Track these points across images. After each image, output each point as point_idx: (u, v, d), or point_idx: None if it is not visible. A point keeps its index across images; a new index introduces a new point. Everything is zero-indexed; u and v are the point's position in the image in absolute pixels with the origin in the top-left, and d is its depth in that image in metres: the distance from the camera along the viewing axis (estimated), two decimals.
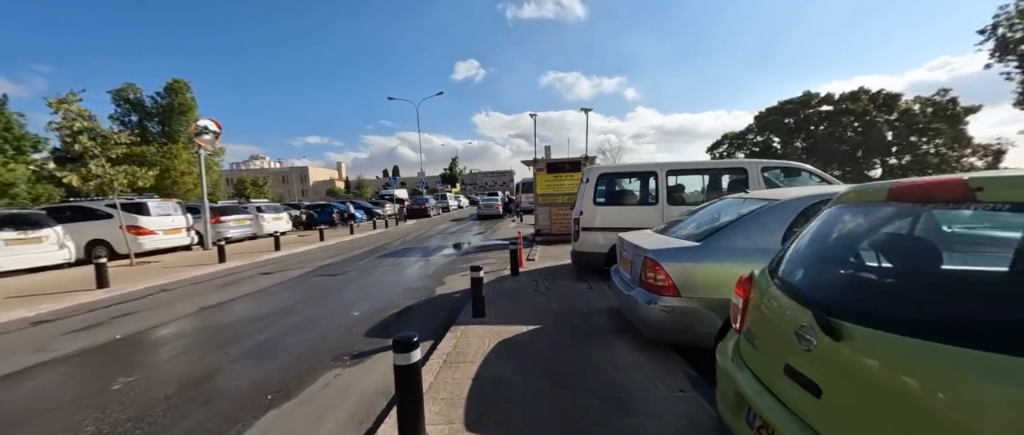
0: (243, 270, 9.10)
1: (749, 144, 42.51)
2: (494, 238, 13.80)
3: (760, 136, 42.20)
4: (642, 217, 5.73)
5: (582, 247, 6.06)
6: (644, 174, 6.02)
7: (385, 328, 4.67)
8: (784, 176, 5.69)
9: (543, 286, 5.94)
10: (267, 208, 16.67)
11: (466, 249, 11.34)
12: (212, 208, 13.69)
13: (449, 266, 8.65)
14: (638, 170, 6.24)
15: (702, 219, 3.81)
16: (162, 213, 11.30)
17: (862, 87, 35.64)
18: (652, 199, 5.72)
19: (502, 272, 7.39)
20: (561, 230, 12.46)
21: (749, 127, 43.50)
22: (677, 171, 5.94)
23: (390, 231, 18.28)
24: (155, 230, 10.90)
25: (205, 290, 7.15)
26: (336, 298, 6.25)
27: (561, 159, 12.91)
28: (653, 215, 5.63)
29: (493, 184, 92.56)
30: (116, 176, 8.92)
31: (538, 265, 7.82)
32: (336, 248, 12.71)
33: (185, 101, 28.14)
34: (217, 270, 9.06)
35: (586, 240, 6.03)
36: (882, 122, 33.29)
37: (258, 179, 42.02)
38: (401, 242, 13.69)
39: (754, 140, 42.49)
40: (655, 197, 5.68)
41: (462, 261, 9.22)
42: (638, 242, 3.51)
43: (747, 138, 43.16)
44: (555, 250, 9.94)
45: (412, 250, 11.57)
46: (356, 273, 8.22)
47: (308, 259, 10.51)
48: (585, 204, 6.00)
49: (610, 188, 6.37)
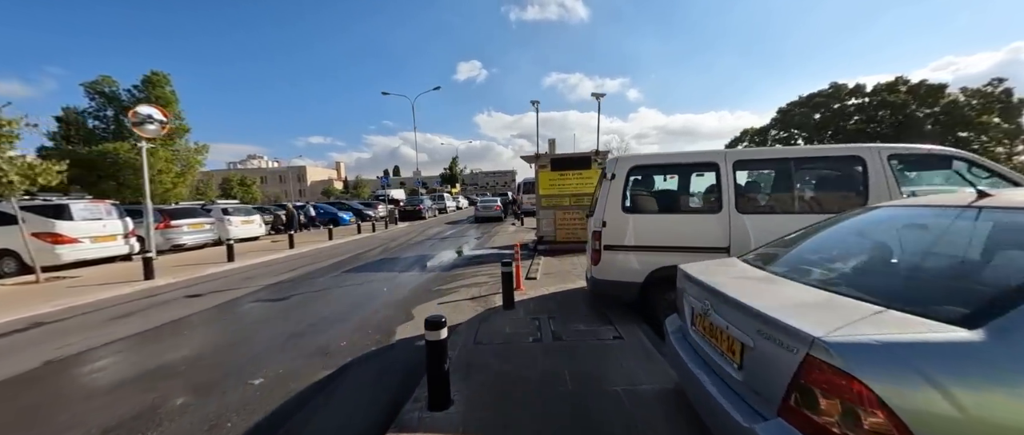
0: (168, 290, 7.23)
1: (771, 140, 39.71)
2: (490, 245, 11.91)
3: (784, 132, 39.20)
4: (697, 231, 3.82)
5: (605, 273, 4.12)
6: (698, 167, 4.11)
7: (282, 422, 2.77)
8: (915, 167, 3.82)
9: (548, 331, 4.04)
10: (235, 210, 14.81)
11: (455, 261, 9.45)
12: (164, 210, 11.86)
13: (427, 288, 6.76)
14: (689, 161, 4.16)
15: (862, 252, 1.95)
16: (90, 217, 9.45)
17: (900, 77, 32.68)
18: (712, 204, 3.81)
19: (492, 298, 5.50)
20: (567, 238, 10.56)
21: (773, 121, 40.50)
22: (750, 162, 4.03)
23: (376, 236, 16.40)
24: (79, 238, 9.05)
25: (94, 324, 5.28)
26: (249, 345, 4.36)
27: (567, 154, 11.02)
28: (714, 228, 3.73)
29: (495, 184, 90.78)
30: (7, 173, 7.06)
31: (541, 289, 5.92)
32: (303, 258, 10.84)
33: (164, 95, 26.21)
34: (135, 290, 7.19)
35: (611, 263, 4.09)
36: (921, 115, 30.80)
37: (246, 178, 40.11)
38: (382, 250, 11.81)
39: (777, 136, 39.63)
40: (717, 201, 3.76)
41: (446, 279, 7.33)
42: (760, 304, 1.64)
43: (769, 134, 40.58)
44: (561, 263, 8.04)
45: (389, 262, 9.69)
46: (302, 298, 6.34)
47: (260, 273, 8.64)
48: (610, 211, 4.06)
49: (647, 188, 4.44)
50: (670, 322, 2.69)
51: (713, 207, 3.85)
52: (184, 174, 27.31)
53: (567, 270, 7.44)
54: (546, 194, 10.76)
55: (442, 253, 10.81)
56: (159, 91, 26.23)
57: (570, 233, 10.56)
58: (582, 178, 10.49)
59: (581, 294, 5.51)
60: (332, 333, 4.57)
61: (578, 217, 10.50)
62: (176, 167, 26.72)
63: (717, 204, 3.80)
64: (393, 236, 16.00)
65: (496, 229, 17.02)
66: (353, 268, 8.92)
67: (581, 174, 10.48)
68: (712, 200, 3.90)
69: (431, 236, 15.41)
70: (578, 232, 10.50)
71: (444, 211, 31.92)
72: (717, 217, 3.77)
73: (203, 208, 14.19)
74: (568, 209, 10.54)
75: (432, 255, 10.50)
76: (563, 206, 10.61)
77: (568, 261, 8.43)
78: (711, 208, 3.88)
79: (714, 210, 3.82)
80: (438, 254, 10.64)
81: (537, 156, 10.76)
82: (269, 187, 71.65)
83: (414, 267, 8.79)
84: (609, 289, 4.13)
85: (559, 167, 10.59)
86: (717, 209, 3.79)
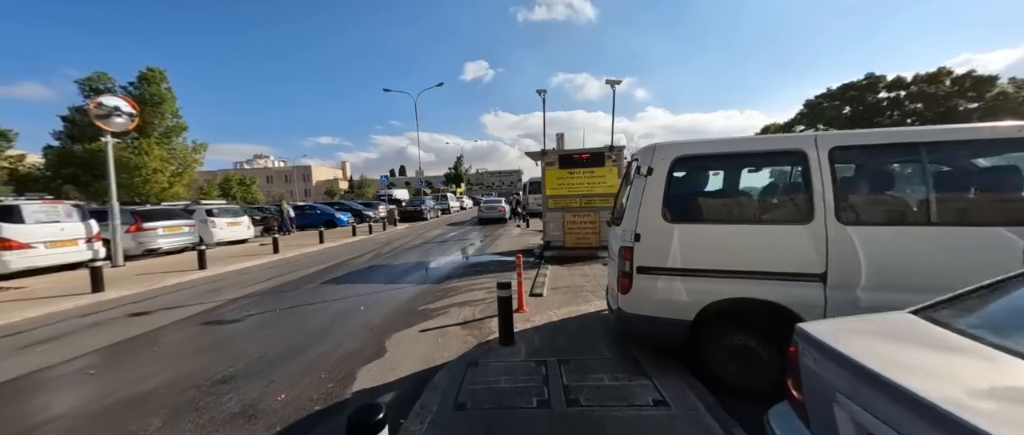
0: (112, 307, 6.21)
1: None
2: (491, 251, 10.78)
3: (810, 127, 37.17)
4: (775, 249, 2.62)
5: (638, 305, 2.92)
6: (775, 157, 2.96)
7: None
8: None
9: (558, 388, 2.90)
10: (221, 211, 13.83)
11: (448, 271, 8.33)
12: (136, 211, 10.91)
13: (412, 306, 5.65)
14: (762, 148, 3.01)
15: None
16: (46, 219, 8.49)
17: (943, 68, 30.02)
18: (797, 210, 2.63)
19: (488, 324, 4.37)
20: (577, 243, 9.40)
21: (799, 115, 37.94)
22: (857, 149, 2.70)
23: (371, 239, 15.36)
24: (31, 243, 8.10)
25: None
26: (151, 402, 3.27)
27: (577, 150, 9.84)
28: (801, 246, 2.54)
29: (500, 184, 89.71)
30: None
31: (548, 311, 4.77)
32: (284, 265, 9.80)
33: (159, 92, 25.55)
34: (74, 306, 6.18)
35: (647, 292, 2.90)
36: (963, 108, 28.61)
37: (246, 177, 39.34)
38: (373, 256, 10.74)
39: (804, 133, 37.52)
40: (805, 206, 2.58)
41: (436, 294, 6.21)
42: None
43: (795, 130, 38.56)
44: (571, 275, 6.89)
45: (377, 271, 8.60)
46: (258, 321, 5.25)
47: (228, 284, 7.60)
48: (646, 220, 2.89)
49: (699, 187, 3.26)
50: (778, 417, 1.54)
51: (799, 215, 2.66)
52: (181, 173, 26.67)
53: (579, 284, 6.29)
54: (554, 194, 9.60)
55: (437, 260, 9.70)
56: (154, 88, 25.55)
57: (580, 238, 9.40)
58: (594, 177, 9.32)
59: (598, 322, 4.35)
60: (274, 377, 3.47)
61: (590, 220, 9.32)
62: (172, 166, 26.10)
63: (805, 210, 2.62)
64: (389, 239, 14.94)
65: (500, 231, 15.89)
66: (334, 279, 7.84)
67: (593, 172, 9.30)
68: (797, 205, 2.72)
69: (429, 239, 14.32)
70: (589, 237, 9.33)
71: (447, 212, 30.85)
72: (806, 229, 2.58)
73: (186, 209, 13.23)
74: (578, 211, 9.38)
75: (426, 262, 9.39)
76: (573, 208, 9.45)
77: (578, 271, 7.28)
78: (795, 216, 2.69)
79: (801, 219, 2.63)
80: (433, 261, 9.53)
81: (544, 152, 9.60)
82: (274, 187, 71.38)
83: (403, 278, 7.69)
84: (644, 328, 2.95)
85: (569, 164, 9.43)
86: (806, 218, 2.61)
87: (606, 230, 9.99)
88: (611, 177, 9.16)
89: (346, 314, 5.34)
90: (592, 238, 9.30)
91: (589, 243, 9.29)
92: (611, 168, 9.14)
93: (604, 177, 9.23)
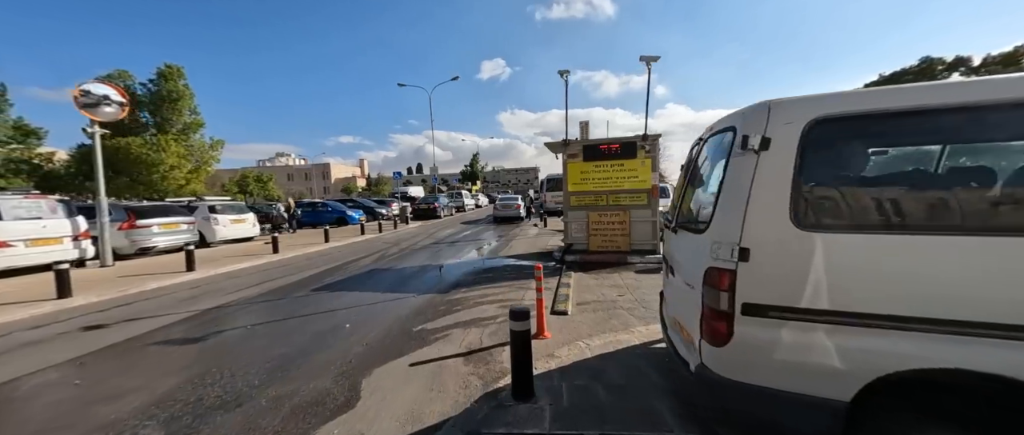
0: (72, 316, 5.43)
1: None
2: (505, 253, 9.71)
3: None
4: (1010, 280, 1.43)
5: (744, 370, 1.69)
6: (997, 117, 1.52)
7: None
8: None
9: None
10: (224, 208, 13.23)
11: (456, 277, 7.30)
12: (131, 208, 10.31)
13: (405, 326, 4.62)
14: (988, 99, 1.47)
15: None
16: (27, 216, 7.89)
17: (1019, 47, 25.73)
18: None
19: (498, 356, 3.29)
20: (603, 246, 8.23)
21: None
22: None
23: (379, 238, 14.53)
24: (9, 241, 7.50)
25: None
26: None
27: (605, 140, 8.66)
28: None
29: (517, 182, 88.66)
30: None
31: (577, 343, 3.65)
32: (280, 267, 8.99)
33: (176, 88, 25.53)
34: (30, 316, 5.42)
35: (761, 348, 1.65)
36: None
37: (263, 174, 39.40)
38: (378, 258, 9.84)
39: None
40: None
41: (438, 309, 5.18)
42: None
43: None
44: (599, 285, 5.77)
45: (377, 276, 7.66)
46: (221, 341, 4.32)
47: (211, 290, 6.78)
48: (757, 223, 1.66)
49: (856, 172, 1.83)
50: None
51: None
52: (198, 170, 26.64)
53: (611, 299, 5.16)
54: (576, 191, 8.45)
55: (446, 263, 8.70)
56: (172, 84, 25.53)
57: (607, 240, 8.23)
58: (624, 170, 8.12)
59: (650, 362, 3.22)
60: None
61: (618, 220, 8.14)
62: (189, 163, 26.07)
63: None
64: (398, 239, 14.07)
65: (515, 231, 14.81)
66: (327, 285, 6.93)
67: (623, 165, 8.11)
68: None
69: (440, 240, 13.37)
70: (617, 239, 8.15)
71: (462, 209, 29.96)
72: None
73: (187, 205, 12.66)
74: (604, 210, 8.21)
75: (433, 266, 8.40)
76: (599, 207, 8.28)
77: (607, 281, 6.14)
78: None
79: None
80: (440, 265, 8.53)
81: (566, 143, 8.45)
82: (295, 184, 72.36)
83: (404, 286, 6.70)
84: (754, 407, 1.75)
85: (594, 157, 8.26)
86: None
87: (637, 231, 8.79)
88: (644, 171, 7.95)
89: (326, 335, 4.36)
90: (621, 241, 8.12)
91: (617, 246, 8.12)
92: (645, 160, 7.92)
93: (636, 171, 8.03)
